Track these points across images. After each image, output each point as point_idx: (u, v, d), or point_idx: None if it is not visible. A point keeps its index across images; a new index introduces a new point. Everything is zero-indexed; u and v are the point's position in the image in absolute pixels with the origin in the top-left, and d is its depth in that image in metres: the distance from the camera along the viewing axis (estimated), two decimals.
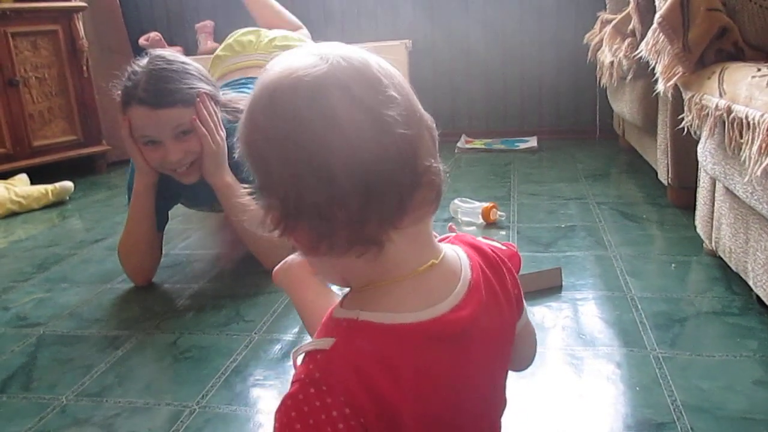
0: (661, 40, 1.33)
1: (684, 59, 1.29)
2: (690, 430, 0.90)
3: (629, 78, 2.04)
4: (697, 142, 1.67)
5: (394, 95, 0.52)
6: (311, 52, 0.53)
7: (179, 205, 1.75)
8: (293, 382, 0.52)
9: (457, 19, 3.16)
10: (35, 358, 1.25)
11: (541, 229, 1.81)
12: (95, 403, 1.07)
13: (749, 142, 0.97)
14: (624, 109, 2.24)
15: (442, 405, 0.56)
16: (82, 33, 2.79)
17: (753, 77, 1.04)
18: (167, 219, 1.65)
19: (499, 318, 0.63)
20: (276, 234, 0.54)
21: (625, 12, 2.12)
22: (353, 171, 0.49)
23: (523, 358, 0.73)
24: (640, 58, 1.48)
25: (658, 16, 1.33)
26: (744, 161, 0.99)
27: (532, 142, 3.01)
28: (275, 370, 1.14)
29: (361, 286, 0.57)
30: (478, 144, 3.08)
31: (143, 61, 1.39)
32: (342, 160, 0.49)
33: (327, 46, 0.54)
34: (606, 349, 1.14)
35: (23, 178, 2.56)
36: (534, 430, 0.92)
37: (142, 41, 2.99)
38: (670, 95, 1.44)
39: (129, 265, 1.57)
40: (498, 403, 0.66)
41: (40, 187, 2.43)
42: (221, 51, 2.06)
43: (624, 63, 2.04)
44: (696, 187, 1.65)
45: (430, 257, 0.56)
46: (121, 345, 1.27)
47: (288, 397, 0.51)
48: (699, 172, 1.56)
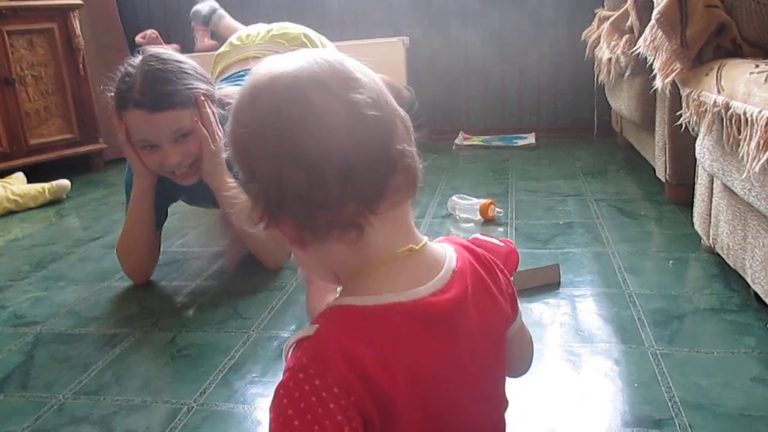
0: (659, 36, 1.33)
1: (682, 55, 1.29)
2: (688, 427, 0.90)
3: (627, 75, 2.04)
4: (695, 139, 1.67)
5: (364, 82, 0.55)
6: (293, 55, 0.57)
7: (175, 203, 1.74)
8: (284, 371, 0.54)
9: (454, 17, 3.15)
10: (32, 356, 1.24)
11: (539, 226, 1.81)
12: (93, 402, 1.07)
13: (747, 138, 0.97)
14: (622, 106, 2.24)
15: (437, 390, 0.56)
16: (78, 31, 2.78)
17: (751, 73, 1.04)
18: (166, 216, 1.65)
19: (494, 308, 0.63)
20: (262, 226, 0.57)
21: (622, 9, 2.12)
22: (329, 154, 0.52)
23: (519, 364, 0.73)
24: (638, 54, 1.48)
25: (656, 12, 1.33)
26: (742, 158, 0.99)
27: (530, 139, 3.01)
28: (273, 368, 1.14)
29: (347, 276, 0.59)
30: (476, 141, 3.08)
31: (136, 61, 1.36)
32: (318, 144, 0.52)
33: (310, 51, 0.58)
34: (604, 345, 1.14)
35: (20, 176, 2.55)
36: (532, 427, 0.92)
37: (138, 39, 2.98)
38: (668, 92, 1.43)
39: (127, 263, 1.56)
40: (500, 401, 0.66)
41: (37, 186, 2.42)
42: (223, 48, 2.06)
43: (622, 60, 2.04)
44: (694, 184, 1.66)
45: (409, 243, 0.59)
46: (118, 343, 1.27)
47: (279, 387, 0.53)
48: (697, 168, 1.56)
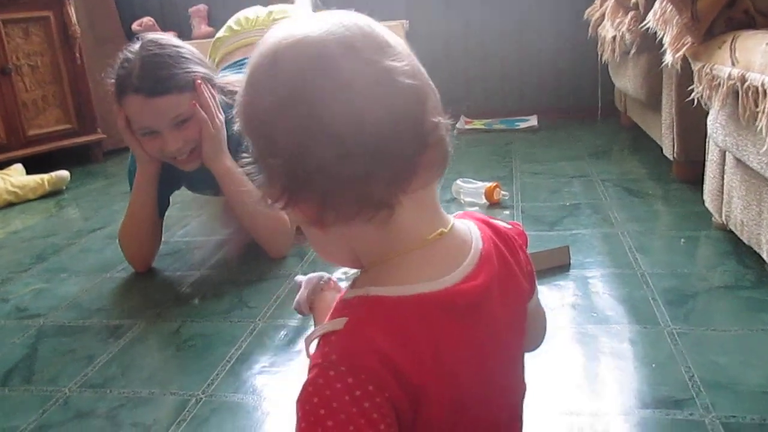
0: (669, 10, 1.30)
1: (693, 29, 1.25)
2: (710, 406, 0.88)
3: (633, 52, 2.00)
4: (704, 116, 1.64)
5: (397, 48, 0.51)
6: (315, 17, 0.52)
7: (177, 192, 1.72)
8: (311, 368, 0.51)
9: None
10: (36, 350, 1.22)
11: (546, 208, 1.78)
12: (98, 395, 1.05)
13: (765, 110, 0.94)
14: (627, 84, 2.21)
15: (464, 380, 0.54)
16: (74, 19, 2.74)
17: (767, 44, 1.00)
18: (168, 204, 1.62)
19: (516, 290, 0.61)
20: (279, 206, 0.53)
21: None
22: (360, 125, 0.48)
23: (532, 340, 0.70)
24: (645, 30, 1.45)
25: None
26: (760, 130, 0.96)
27: (533, 121, 2.97)
28: (281, 357, 1.12)
29: (371, 261, 0.55)
30: (478, 124, 3.04)
31: (135, 48, 1.34)
32: (348, 114, 0.48)
33: (334, 13, 0.53)
34: (618, 326, 1.11)
35: (19, 168, 2.52)
36: (549, 411, 0.90)
37: (135, 27, 2.94)
38: (678, 67, 1.40)
39: (129, 251, 1.54)
40: (519, 384, 0.64)
41: (36, 177, 2.39)
42: (222, 33, 2.01)
43: (627, 37, 2.00)
44: (704, 161, 1.63)
45: (439, 226, 0.55)
46: (123, 335, 1.25)
47: (308, 384, 0.50)
48: (707, 145, 1.53)
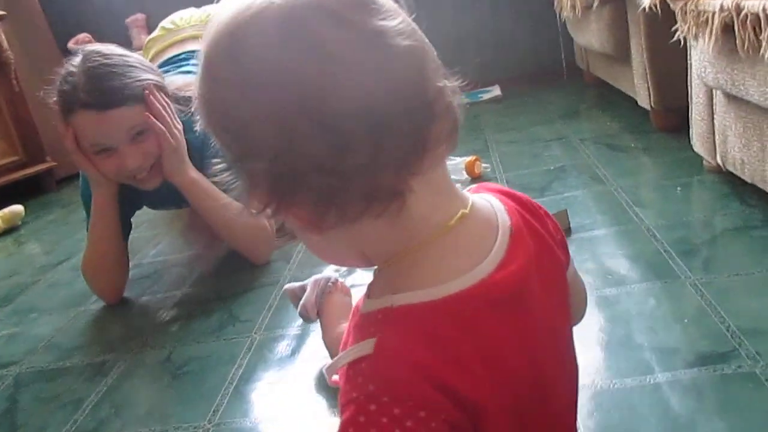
0: None
1: None
2: (756, 355, 0.82)
3: (595, 5, 1.95)
4: (678, 60, 1.59)
5: (386, 5, 0.43)
6: None
7: (141, 211, 1.60)
8: (344, 405, 0.43)
9: None
10: (16, 400, 1.11)
11: (530, 175, 1.73)
12: None
13: None
14: (591, 39, 2.16)
15: (521, 379, 0.46)
16: (5, 44, 2.57)
17: None
18: (131, 227, 1.51)
19: (554, 265, 0.53)
20: (267, 215, 0.44)
21: None
22: (356, 105, 0.39)
23: (576, 312, 0.63)
24: None
25: None
26: (766, 58, 0.91)
27: (495, 91, 2.91)
28: (287, 370, 1.03)
29: (384, 259, 0.46)
30: None
31: (77, 61, 1.23)
32: (339, 93, 0.39)
33: None
34: (638, 285, 1.05)
35: None
36: (589, 384, 0.83)
37: (71, 45, 2.78)
38: (650, 9, 1.35)
39: (97, 284, 1.42)
40: (575, 366, 0.57)
41: None
42: (155, 33, 1.90)
43: None
44: (686, 106, 1.58)
45: (458, 207, 0.47)
46: (109, 371, 1.14)
47: (347, 424, 0.42)
48: (689, 88, 1.48)
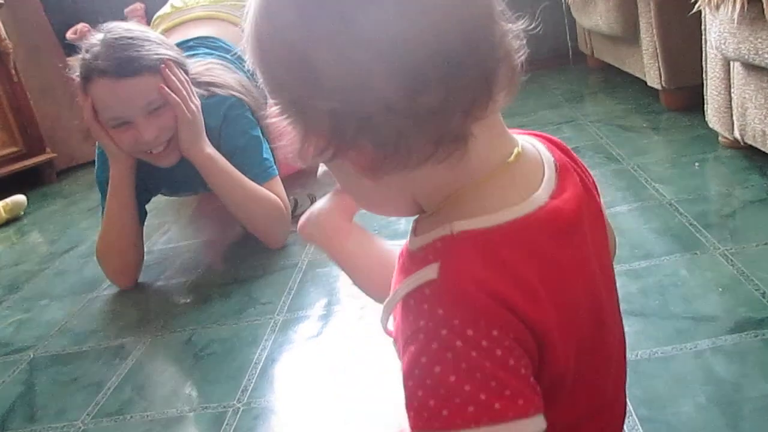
0: None
1: None
2: None
3: None
4: (689, 38, 1.59)
5: None
6: None
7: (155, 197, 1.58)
8: (410, 337, 0.41)
9: None
10: (33, 384, 1.09)
11: None
12: (118, 423, 0.92)
13: None
14: (599, 21, 2.14)
15: (584, 311, 0.46)
16: (3, 34, 2.53)
17: None
18: (146, 213, 1.49)
19: (595, 204, 0.52)
20: (325, 158, 0.43)
21: None
22: (429, 44, 0.38)
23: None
24: None
25: None
26: None
27: None
28: (313, 349, 1.01)
29: (438, 202, 0.45)
30: None
31: (99, 34, 1.23)
32: (414, 32, 0.38)
33: None
34: (667, 258, 1.04)
35: None
36: (630, 354, 0.82)
37: (69, 35, 2.73)
38: None
39: (110, 265, 1.40)
40: (620, 316, 0.55)
41: None
42: (163, 11, 1.87)
43: None
44: (697, 84, 1.57)
45: (513, 146, 0.46)
46: (128, 354, 1.12)
47: (418, 355, 0.40)
48: (704, 64, 1.47)
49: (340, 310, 1.11)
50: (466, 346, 0.39)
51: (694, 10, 1.24)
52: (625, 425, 0.69)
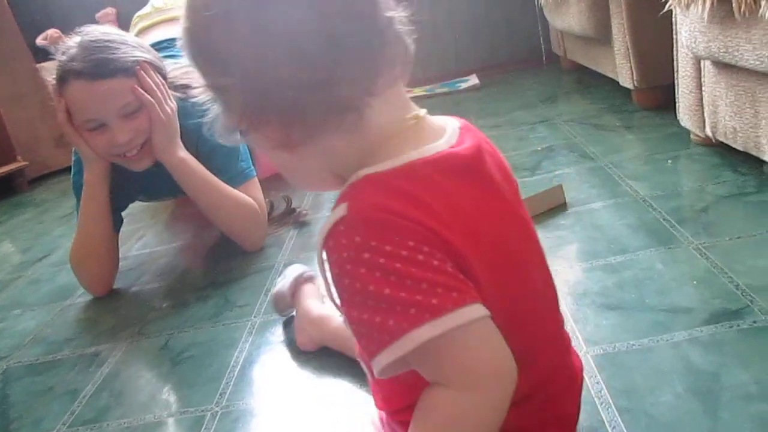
0: None
1: None
2: None
3: None
4: (660, 38, 1.61)
5: None
6: None
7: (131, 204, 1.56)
8: (340, 269, 0.46)
9: None
10: (7, 395, 1.06)
11: (520, 156, 1.72)
12: (95, 431, 0.91)
13: None
14: (571, 22, 2.17)
15: (489, 238, 0.51)
16: None
17: None
18: (122, 220, 1.47)
19: (507, 169, 0.59)
20: (241, 133, 0.52)
21: None
22: (311, 24, 0.47)
23: None
24: None
25: None
26: (767, 17, 0.91)
27: (473, 80, 2.92)
28: (291, 351, 1.00)
29: (353, 169, 0.52)
30: (419, 92, 2.96)
31: (77, 37, 1.22)
32: (300, 17, 0.47)
33: None
34: (642, 252, 1.05)
35: None
36: (608, 346, 0.82)
37: (39, 41, 2.70)
38: None
39: (85, 272, 1.37)
40: (543, 258, 0.60)
41: None
42: (143, 11, 1.86)
43: None
44: (668, 83, 1.60)
45: (414, 112, 0.54)
46: (104, 361, 1.10)
47: (352, 283, 0.45)
48: (675, 63, 1.49)
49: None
50: (389, 260, 0.44)
51: (665, 10, 1.26)
52: (604, 416, 0.70)
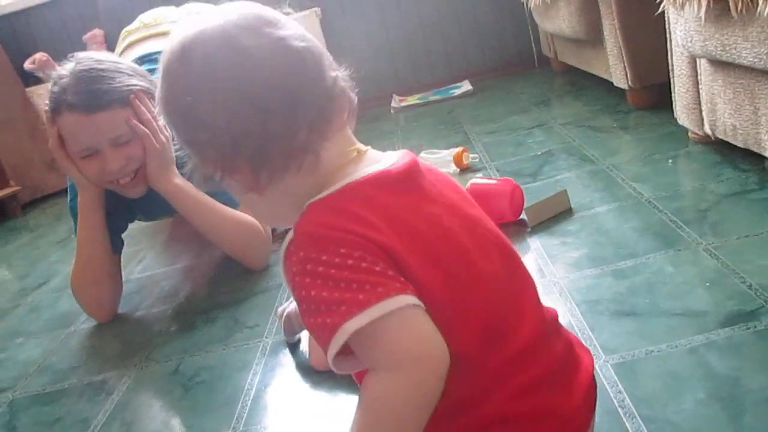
0: None
1: None
2: None
3: None
4: (653, 37, 1.62)
5: (284, 22, 0.59)
6: (210, 12, 0.60)
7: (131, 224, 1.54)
8: (293, 283, 0.54)
9: None
10: (14, 427, 1.04)
11: (519, 162, 1.72)
12: None
13: None
14: (561, 25, 2.18)
15: (429, 238, 0.56)
16: None
17: None
18: (123, 243, 1.45)
19: (450, 182, 0.64)
20: (217, 177, 0.59)
21: None
22: (271, 86, 0.56)
23: None
24: None
25: None
26: (765, 14, 0.91)
27: (466, 86, 2.92)
28: (306, 371, 0.99)
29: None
30: (413, 100, 2.97)
31: (70, 64, 1.21)
32: (260, 80, 0.56)
33: (225, 5, 0.60)
34: (651, 255, 1.05)
35: None
36: (626, 354, 0.82)
37: (27, 65, 2.67)
38: None
39: (86, 297, 1.35)
40: (507, 243, 0.63)
41: None
42: (132, 26, 1.84)
43: None
44: (663, 82, 1.61)
45: (356, 146, 0.62)
46: (113, 389, 1.08)
47: (300, 292, 0.53)
48: (670, 62, 1.50)
49: None
50: (326, 267, 0.52)
51: (660, 10, 1.26)
52: (629, 426, 0.69)
